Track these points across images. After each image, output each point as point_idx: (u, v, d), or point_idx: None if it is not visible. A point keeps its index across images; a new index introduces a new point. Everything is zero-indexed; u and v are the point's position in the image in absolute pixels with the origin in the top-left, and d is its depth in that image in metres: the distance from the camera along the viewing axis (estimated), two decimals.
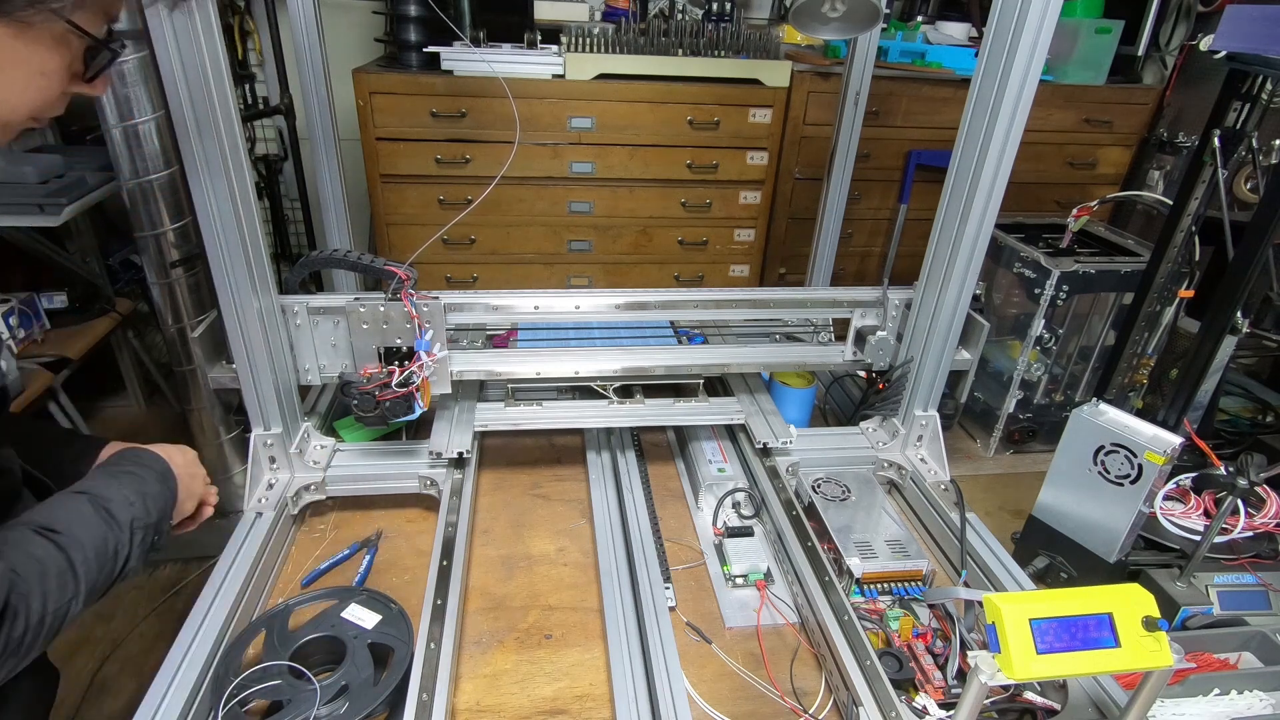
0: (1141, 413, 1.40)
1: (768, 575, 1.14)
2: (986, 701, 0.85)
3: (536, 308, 1.28)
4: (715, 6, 2.43)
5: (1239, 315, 1.42)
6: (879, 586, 1.07)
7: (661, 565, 1.13)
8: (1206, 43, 1.41)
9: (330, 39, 1.52)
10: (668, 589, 1.09)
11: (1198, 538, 1.36)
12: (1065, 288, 2.13)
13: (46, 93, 0.64)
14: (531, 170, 2.30)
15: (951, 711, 0.84)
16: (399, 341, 1.19)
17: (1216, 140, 1.45)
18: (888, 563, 1.07)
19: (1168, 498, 1.45)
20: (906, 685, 0.93)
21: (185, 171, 0.97)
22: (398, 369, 1.13)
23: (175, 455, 0.91)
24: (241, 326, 1.09)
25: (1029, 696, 0.92)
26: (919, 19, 2.58)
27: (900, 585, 1.07)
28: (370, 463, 1.27)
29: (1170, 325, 1.70)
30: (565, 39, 2.20)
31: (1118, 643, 0.74)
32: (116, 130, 1.71)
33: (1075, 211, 2.02)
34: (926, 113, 2.44)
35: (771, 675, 0.99)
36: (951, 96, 2.42)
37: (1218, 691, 1.10)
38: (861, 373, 1.48)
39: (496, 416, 1.33)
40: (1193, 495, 1.45)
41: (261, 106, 2.72)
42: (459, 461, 1.27)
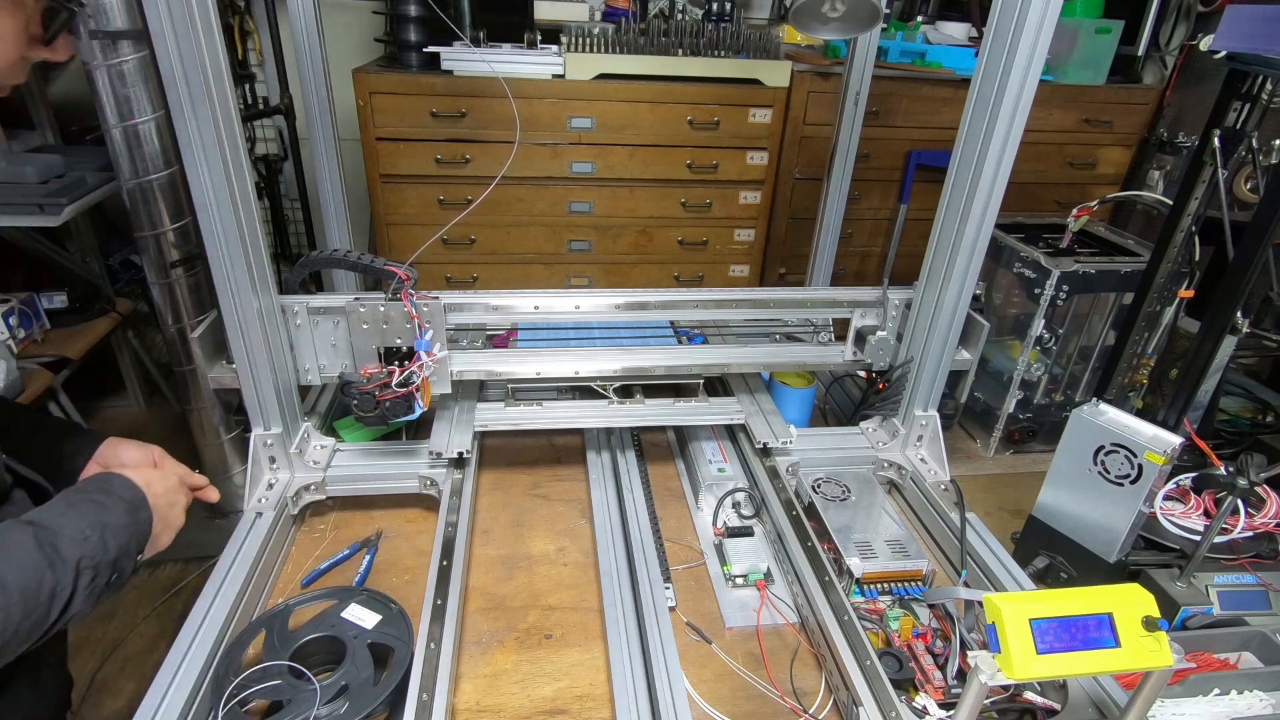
0: (1141, 413, 1.40)
1: (768, 575, 1.14)
2: (986, 701, 0.85)
3: (536, 308, 1.28)
4: (715, 6, 2.43)
5: (1239, 315, 1.42)
6: (879, 586, 1.07)
7: (661, 565, 1.13)
8: (1206, 43, 1.41)
9: (330, 39, 1.52)
10: (668, 589, 1.09)
11: (1198, 538, 1.36)
12: (1065, 288, 2.13)
13: (3, 56, 0.60)
14: (531, 170, 2.30)
15: (951, 711, 0.84)
16: (399, 341, 1.19)
17: (1216, 140, 1.45)
18: (888, 563, 1.07)
19: (1168, 498, 1.45)
20: (906, 685, 0.93)
21: (185, 171, 0.97)
22: (398, 369, 1.13)
23: (155, 482, 0.83)
24: (241, 326, 1.09)
25: (1029, 696, 0.92)
26: (919, 19, 2.58)
27: (900, 585, 1.06)
28: (370, 463, 1.27)
29: (1170, 325, 1.70)
30: (565, 39, 2.20)
31: (1118, 643, 0.74)
32: (116, 130, 1.71)
33: (1075, 211, 2.02)
34: (926, 113, 2.44)
35: (771, 675, 0.99)
36: (951, 96, 2.42)
37: (1218, 691, 1.10)
38: (861, 373, 1.48)
39: (496, 416, 1.33)
40: (1193, 495, 1.45)
41: (261, 106, 2.72)
42: (459, 461, 1.27)
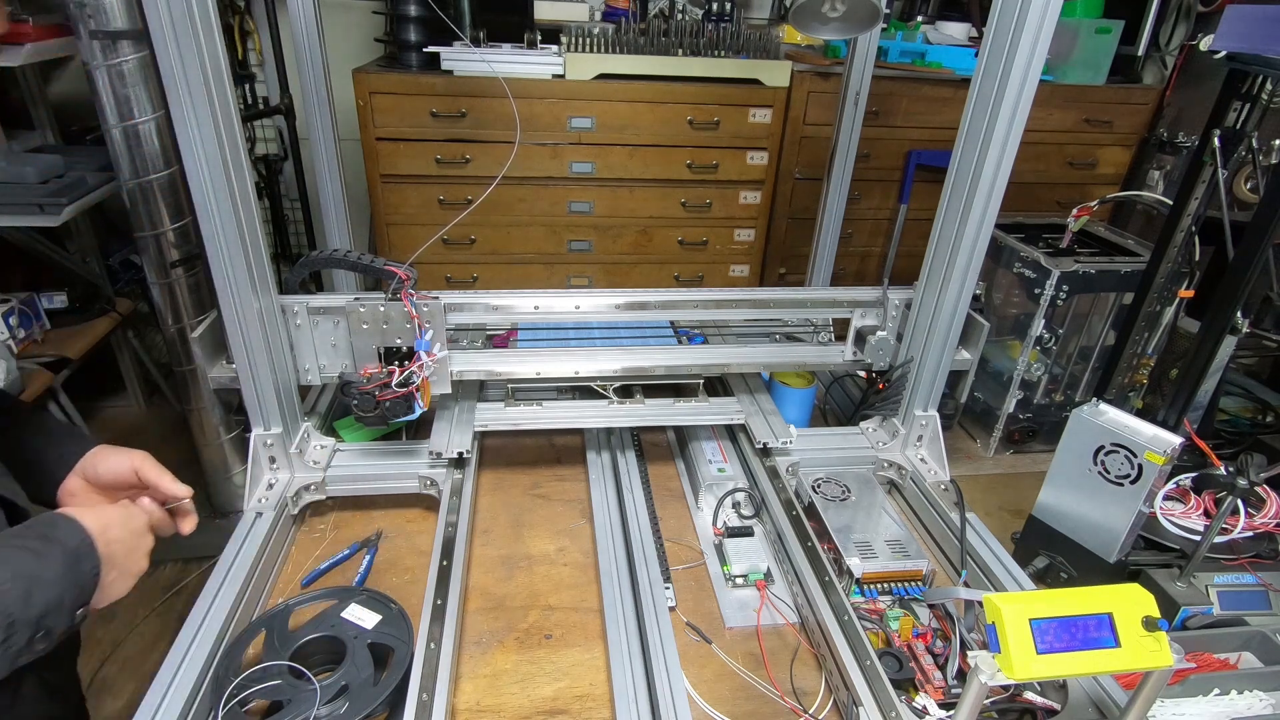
0: (1141, 413, 1.40)
1: (768, 575, 1.14)
2: (986, 701, 0.85)
3: (536, 308, 1.28)
4: (715, 6, 2.43)
5: (1239, 315, 1.42)
6: (879, 586, 1.07)
7: (661, 565, 1.13)
8: (1206, 43, 1.41)
9: (330, 39, 1.52)
10: (668, 589, 1.09)
11: (1198, 538, 1.36)
12: (1065, 288, 2.13)
13: None
14: (531, 170, 2.30)
15: (951, 711, 0.84)
16: (399, 341, 1.19)
17: (1216, 140, 1.45)
18: (888, 563, 1.06)
19: (1168, 498, 1.45)
20: (906, 685, 0.93)
21: (185, 171, 0.97)
22: (398, 369, 1.13)
23: (114, 526, 0.71)
24: (241, 326, 1.09)
25: (1029, 696, 0.92)
26: (919, 19, 2.58)
27: (900, 585, 1.06)
28: (370, 463, 1.27)
29: (1170, 325, 1.70)
30: (565, 39, 2.20)
31: (1118, 643, 0.74)
32: (116, 130, 1.71)
33: (1075, 211, 2.02)
34: (926, 113, 2.44)
35: (771, 675, 0.98)
36: (951, 96, 2.42)
37: (1218, 691, 1.10)
38: (861, 373, 1.48)
39: (496, 416, 1.33)
40: (1193, 495, 1.45)
41: (261, 106, 2.72)
42: (459, 461, 1.27)
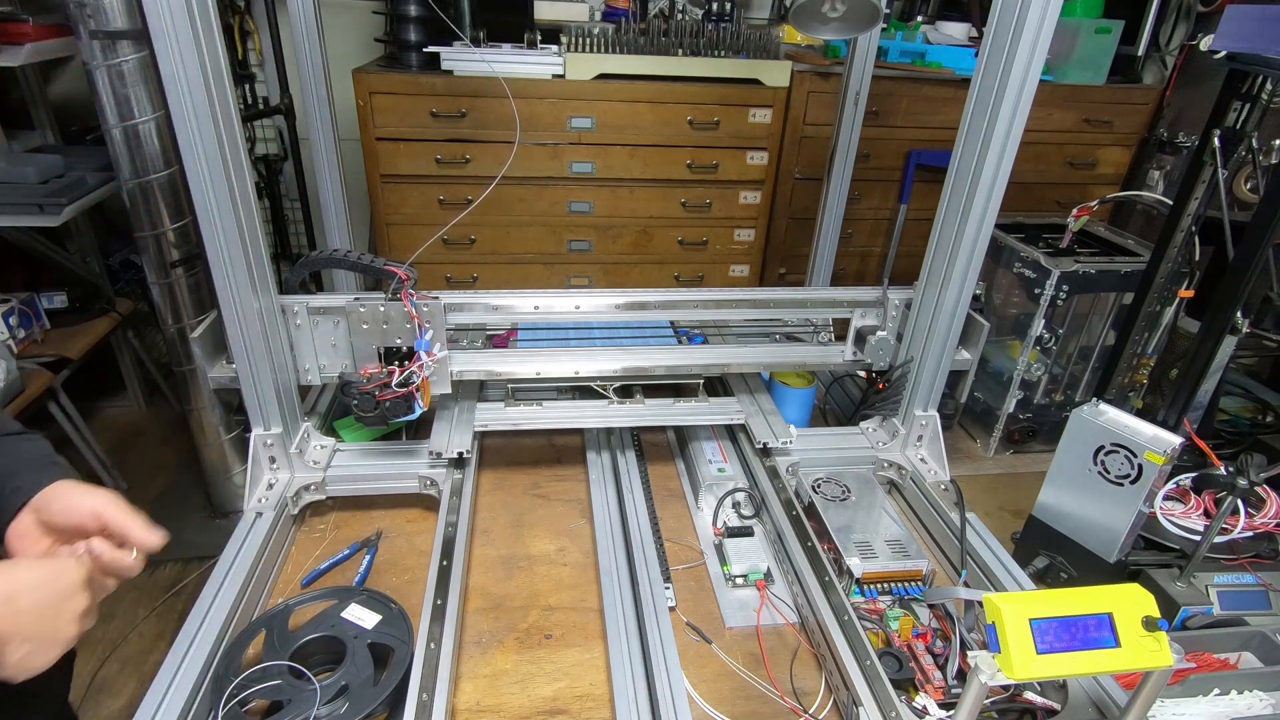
0: (1141, 413, 1.40)
1: (768, 575, 1.14)
2: (986, 701, 0.85)
3: (536, 308, 1.28)
4: (715, 6, 2.43)
5: (1239, 315, 1.42)
6: (879, 586, 1.07)
7: (661, 565, 1.13)
8: (1206, 43, 1.41)
9: (330, 39, 1.52)
10: (668, 589, 1.09)
11: (1198, 538, 1.36)
12: (1065, 288, 2.13)
13: None
14: (531, 170, 2.30)
15: (951, 711, 0.84)
16: (399, 341, 1.19)
17: (1216, 140, 1.45)
18: (888, 563, 1.07)
19: (1168, 498, 1.45)
20: (906, 685, 0.93)
21: (185, 171, 0.97)
22: (398, 369, 1.13)
23: (24, 592, 0.60)
24: (241, 326, 1.09)
25: (1029, 696, 0.92)
26: (919, 19, 2.58)
27: (900, 585, 1.06)
28: (370, 463, 1.27)
29: (1170, 325, 1.70)
30: (565, 39, 2.20)
31: (1118, 643, 0.74)
32: (116, 130, 1.71)
33: (1075, 211, 2.02)
34: (926, 113, 2.44)
35: (771, 675, 0.99)
36: (951, 96, 2.42)
37: (1218, 691, 1.10)
38: (861, 373, 1.48)
39: (496, 416, 1.33)
40: (1193, 495, 1.45)
41: (261, 106, 2.72)
42: (459, 461, 1.27)
